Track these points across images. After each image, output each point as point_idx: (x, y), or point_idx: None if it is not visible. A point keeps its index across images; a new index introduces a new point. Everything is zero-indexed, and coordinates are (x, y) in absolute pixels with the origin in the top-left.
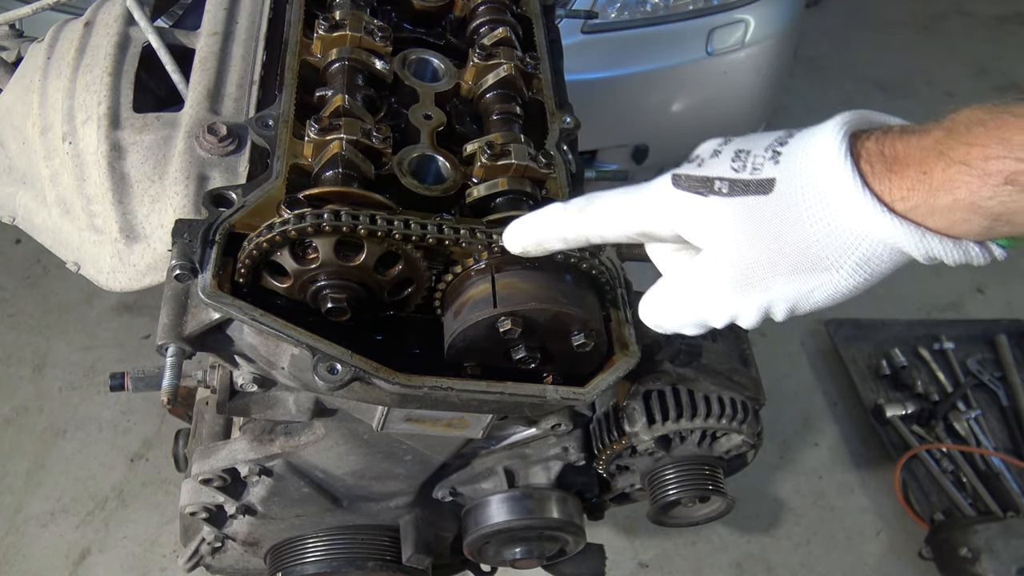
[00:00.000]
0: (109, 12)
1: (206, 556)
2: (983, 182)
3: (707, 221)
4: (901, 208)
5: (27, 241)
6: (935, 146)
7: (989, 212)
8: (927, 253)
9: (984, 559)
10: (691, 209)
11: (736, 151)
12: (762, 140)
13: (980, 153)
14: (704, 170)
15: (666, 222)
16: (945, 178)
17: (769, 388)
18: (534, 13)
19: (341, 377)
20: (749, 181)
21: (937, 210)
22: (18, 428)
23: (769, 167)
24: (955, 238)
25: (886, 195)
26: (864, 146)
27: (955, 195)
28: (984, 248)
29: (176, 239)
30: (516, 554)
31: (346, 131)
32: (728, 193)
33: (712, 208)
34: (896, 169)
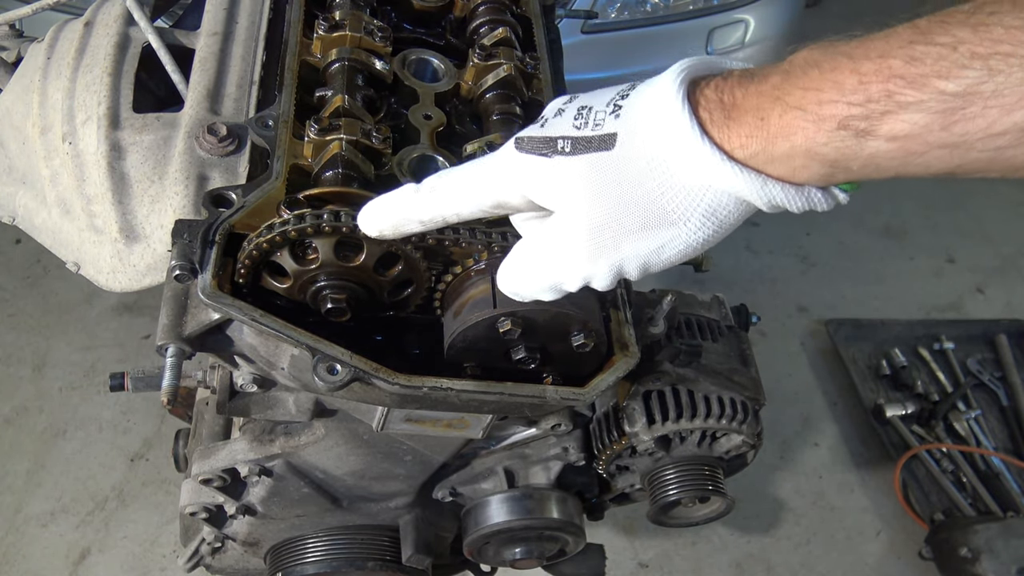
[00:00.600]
0: (109, 12)
1: (206, 556)
2: (818, 128)
3: (553, 182)
4: (741, 156)
5: (27, 241)
6: (772, 91)
7: (826, 158)
8: (770, 201)
9: (984, 559)
10: (536, 172)
11: (579, 108)
12: (605, 95)
13: (815, 97)
14: (547, 130)
15: (515, 188)
16: (782, 124)
17: (769, 388)
18: (534, 13)
19: (341, 377)
20: (591, 138)
21: (776, 157)
22: (18, 428)
23: (610, 122)
24: (797, 184)
25: (725, 143)
26: (703, 94)
27: (792, 141)
28: (827, 193)
29: (176, 239)
30: (516, 554)
31: (346, 131)
32: (571, 152)
33: (557, 169)
34: (735, 116)
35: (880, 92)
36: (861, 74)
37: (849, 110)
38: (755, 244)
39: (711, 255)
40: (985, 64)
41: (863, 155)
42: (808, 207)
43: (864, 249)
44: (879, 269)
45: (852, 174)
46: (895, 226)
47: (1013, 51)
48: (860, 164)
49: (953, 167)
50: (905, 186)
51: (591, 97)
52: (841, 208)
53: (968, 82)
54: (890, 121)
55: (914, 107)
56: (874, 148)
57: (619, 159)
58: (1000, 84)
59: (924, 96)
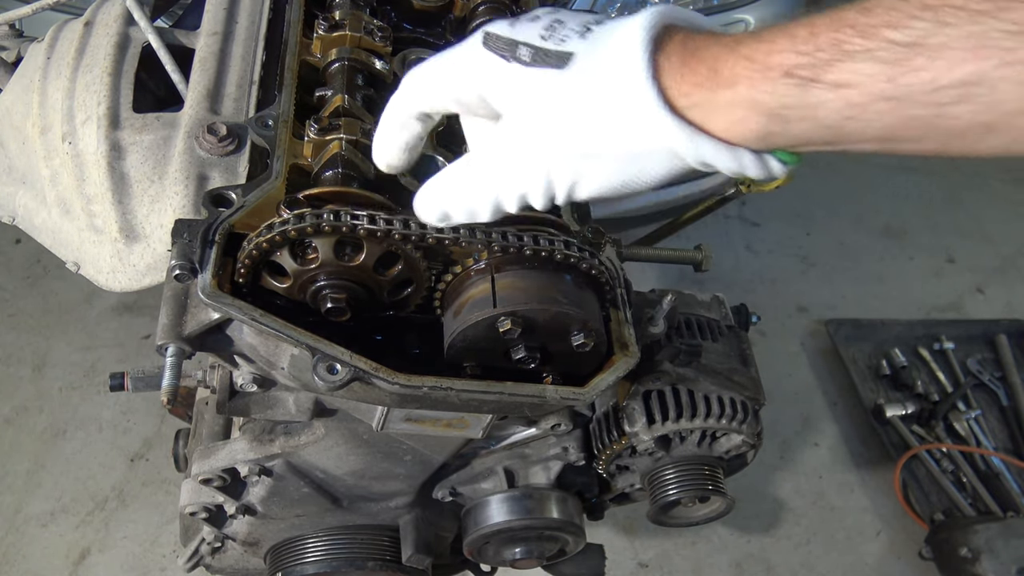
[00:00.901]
0: (109, 12)
1: (206, 556)
2: (763, 75)
3: (504, 88)
4: (683, 104)
5: (27, 241)
6: (730, 42)
7: (765, 107)
8: (697, 156)
9: (984, 559)
10: (493, 72)
11: (554, 20)
12: (584, 16)
13: (767, 48)
14: (515, 31)
15: (470, 85)
16: (731, 74)
17: (769, 388)
18: None
19: (341, 377)
20: (550, 51)
21: (718, 107)
22: (18, 428)
23: (574, 41)
24: (730, 144)
25: (672, 90)
26: (671, 39)
27: (736, 90)
28: (760, 159)
29: (176, 239)
30: (516, 554)
31: (346, 131)
32: (529, 62)
33: (511, 75)
34: (690, 64)
35: (829, 41)
36: (813, 25)
37: (797, 59)
38: (755, 244)
39: (711, 255)
40: (935, 16)
41: (805, 105)
42: (738, 169)
43: (864, 249)
44: (879, 269)
45: (790, 131)
46: (895, 226)
47: (963, 4)
48: (800, 116)
49: (894, 125)
50: (905, 186)
51: (572, 14)
52: (841, 208)
53: (917, 33)
54: (836, 69)
55: (861, 55)
56: (817, 97)
57: (569, 80)
58: (948, 36)
59: (872, 45)
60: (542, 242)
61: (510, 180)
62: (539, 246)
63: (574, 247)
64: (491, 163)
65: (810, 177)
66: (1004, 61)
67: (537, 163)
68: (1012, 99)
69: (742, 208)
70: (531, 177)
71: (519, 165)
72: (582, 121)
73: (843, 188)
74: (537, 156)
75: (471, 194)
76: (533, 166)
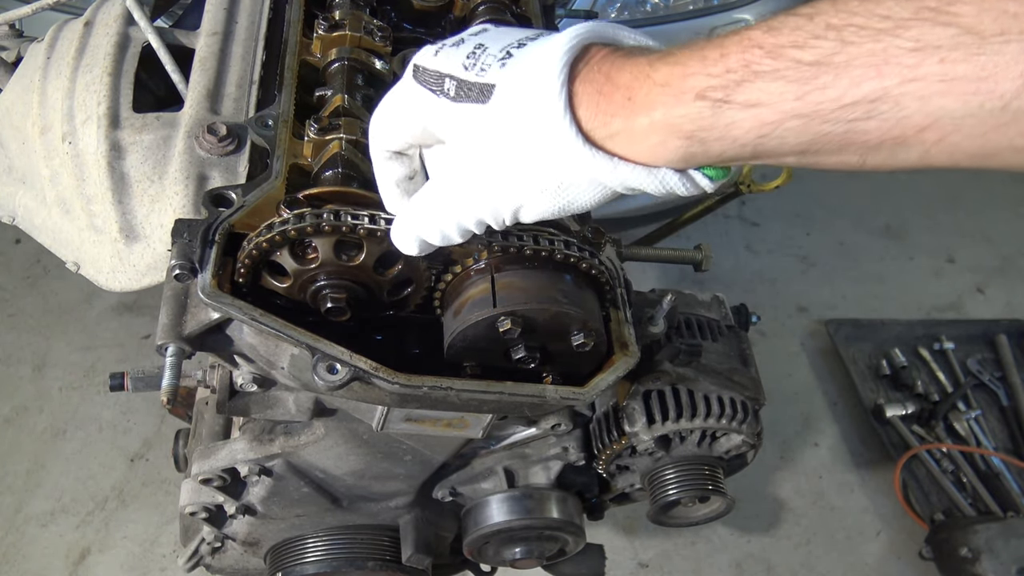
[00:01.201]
0: (109, 12)
1: (206, 556)
2: (677, 100)
3: (439, 121)
4: (601, 135)
5: (27, 241)
6: (645, 68)
7: (682, 131)
8: (622, 183)
9: (984, 559)
10: (426, 107)
11: (477, 45)
12: (507, 37)
13: (680, 72)
14: (439, 61)
15: (412, 120)
16: (647, 101)
17: (769, 388)
18: (534, 13)
19: (341, 377)
20: (472, 84)
21: (636, 135)
22: (18, 428)
23: (495, 71)
24: (651, 167)
25: (589, 120)
26: (587, 65)
27: (652, 116)
28: (685, 176)
29: (176, 239)
30: (516, 554)
31: (346, 131)
32: (454, 97)
33: (442, 109)
34: (606, 92)
35: (738, 62)
36: (724, 47)
37: (708, 81)
38: (755, 244)
39: (711, 255)
40: (839, 35)
41: (720, 125)
42: (664, 190)
43: (864, 249)
44: (879, 269)
45: (710, 151)
46: (895, 226)
47: (865, 23)
48: (717, 136)
49: (808, 141)
50: (905, 186)
51: (496, 35)
52: (841, 208)
53: (822, 52)
54: (746, 89)
55: (769, 75)
56: (730, 118)
57: (490, 116)
58: (851, 55)
59: (780, 65)
60: (542, 242)
61: (464, 206)
62: (539, 246)
63: (574, 247)
64: (445, 191)
65: (810, 177)
66: (905, 78)
67: (480, 191)
68: (916, 114)
69: (742, 208)
70: (479, 204)
71: (467, 193)
72: (507, 156)
73: (843, 188)
74: (478, 185)
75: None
76: (478, 194)
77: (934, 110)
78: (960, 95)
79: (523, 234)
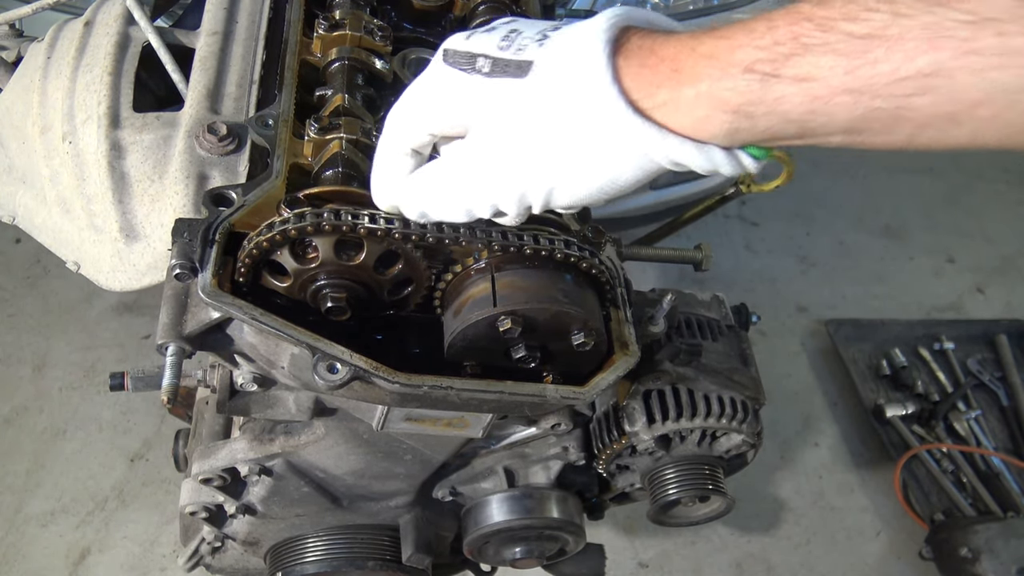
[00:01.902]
0: (109, 12)
1: (206, 556)
2: (724, 72)
3: (468, 101)
4: (648, 104)
5: (27, 241)
6: (689, 42)
7: (729, 104)
8: (668, 156)
9: (984, 559)
10: (456, 86)
11: (511, 30)
12: (540, 24)
13: (726, 45)
14: (471, 44)
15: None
16: (693, 73)
17: (769, 388)
18: (534, 12)
19: (341, 376)
20: (509, 61)
21: (682, 106)
22: (18, 428)
23: (532, 49)
24: (699, 142)
25: (635, 92)
26: (629, 40)
27: (698, 88)
28: (730, 155)
29: (176, 238)
30: (516, 554)
31: (346, 130)
32: (489, 73)
33: (473, 87)
34: (650, 64)
35: (787, 35)
36: (771, 20)
37: (756, 54)
38: (755, 244)
39: (711, 255)
40: (891, 7)
41: (768, 100)
42: (710, 166)
43: (864, 249)
44: (879, 269)
45: (756, 126)
46: (895, 226)
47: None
48: (765, 111)
49: (858, 117)
50: (905, 186)
51: (529, 23)
52: (841, 208)
53: (874, 25)
54: (796, 63)
55: (820, 48)
56: (779, 92)
57: (530, 89)
58: (904, 28)
59: (830, 38)
60: (542, 241)
61: (481, 191)
62: (539, 245)
63: (574, 246)
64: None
65: (810, 177)
66: (960, 51)
67: (507, 175)
68: (971, 89)
69: (742, 208)
70: (501, 189)
71: (488, 177)
72: (547, 129)
73: (843, 188)
74: (506, 168)
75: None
76: (502, 178)
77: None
78: (1017, 69)
79: (523, 233)
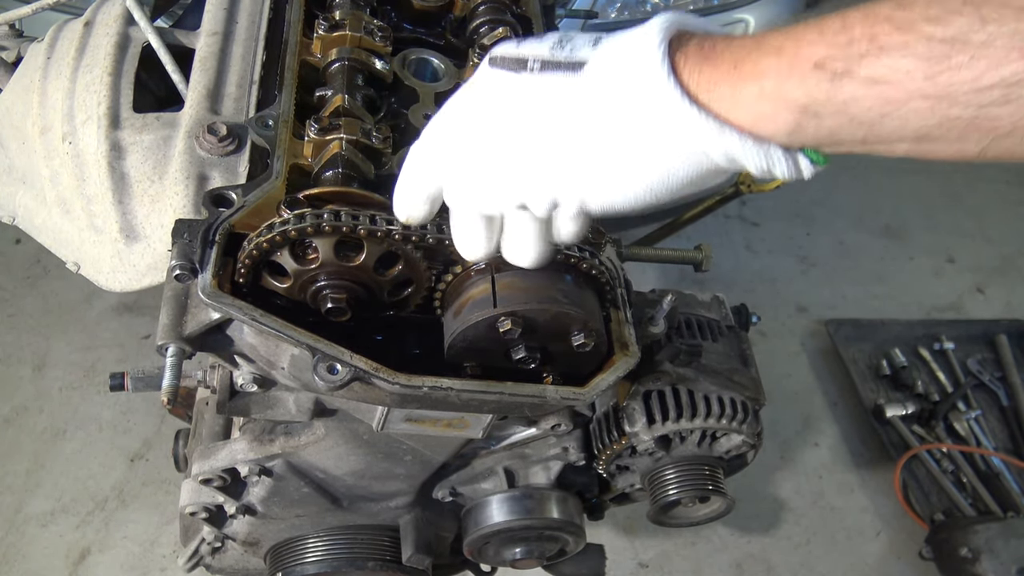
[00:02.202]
0: (109, 12)
1: (206, 556)
2: (792, 68)
3: (513, 96)
4: (706, 98)
5: (27, 241)
6: (752, 40)
7: (795, 103)
8: (726, 151)
9: (984, 559)
10: (501, 85)
11: (562, 36)
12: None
13: (794, 40)
14: (522, 50)
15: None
16: (756, 69)
17: (769, 388)
18: (534, 13)
19: (341, 377)
20: (561, 61)
21: (743, 101)
22: (18, 428)
23: (586, 50)
24: (759, 139)
25: (692, 85)
26: (685, 40)
27: (762, 84)
28: (790, 156)
29: (176, 239)
30: (516, 554)
31: (346, 131)
32: (540, 70)
33: (520, 84)
34: (711, 59)
35: (863, 34)
36: (846, 17)
37: (828, 51)
38: (755, 244)
39: (711, 255)
40: (977, 12)
41: (837, 100)
42: (767, 167)
43: (864, 249)
44: (879, 269)
45: (822, 126)
46: (895, 226)
47: (1007, 1)
48: (833, 111)
49: (932, 125)
50: (905, 186)
51: (580, 34)
52: (841, 208)
53: (957, 29)
54: (871, 64)
55: (898, 51)
56: (850, 93)
57: (583, 83)
58: (991, 34)
59: (910, 39)
60: None
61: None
62: None
63: (574, 247)
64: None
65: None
66: None
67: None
68: None
69: (742, 208)
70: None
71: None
72: (599, 121)
73: (843, 188)
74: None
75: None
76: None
77: None
78: None
79: None
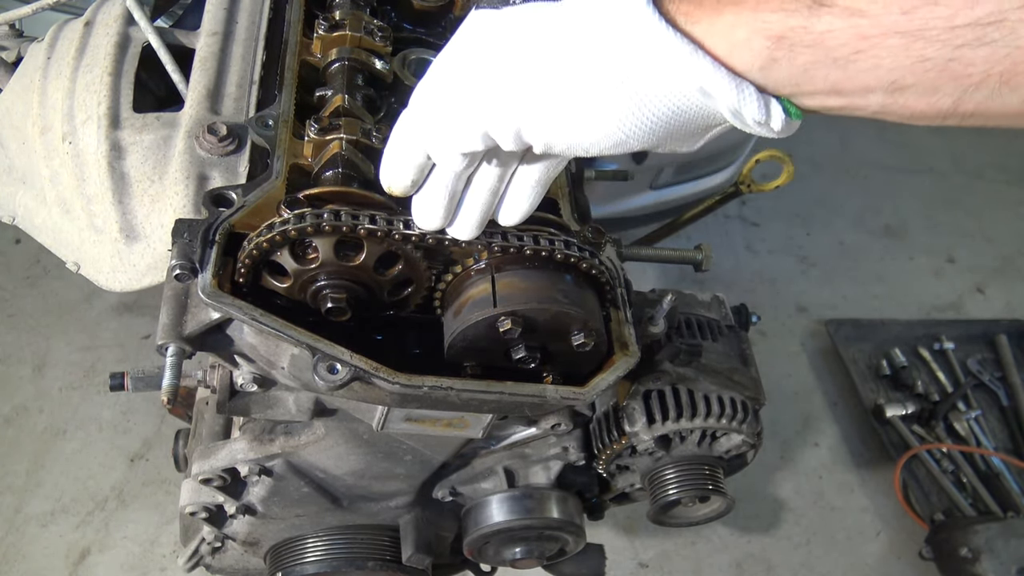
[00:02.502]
0: (109, 12)
1: (206, 556)
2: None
3: (493, 30)
4: (683, 22)
5: (27, 241)
6: None
7: (771, 30)
8: (700, 81)
9: (984, 559)
10: (484, 24)
11: None
12: None
13: None
14: None
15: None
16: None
17: (769, 388)
18: None
19: (341, 377)
20: None
21: (720, 27)
22: (18, 428)
23: None
24: (733, 72)
25: (672, 11)
26: None
27: (739, 10)
28: (763, 99)
29: (176, 239)
30: (516, 554)
31: (346, 131)
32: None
33: (501, 17)
34: None
35: None
36: None
37: None
38: (755, 244)
39: (711, 255)
40: None
41: (814, 31)
42: (739, 105)
43: (864, 249)
44: (879, 269)
45: (795, 61)
46: (895, 226)
47: None
48: (808, 43)
49: (905, 68)
50: (905, 186)
51: None
52: (841, 208)
53: None
54: None
55: None
56: (827, 24)
57: (561, 10)
58: None
59: None
60: (542, 242)
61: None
62: (539, 246)
63: (574, 247)
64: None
65: (810, 177)
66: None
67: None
68: None
69: (742, 208)
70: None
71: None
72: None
73: (843, 188)
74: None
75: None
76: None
77: None
78: None
79: (523, 234)
